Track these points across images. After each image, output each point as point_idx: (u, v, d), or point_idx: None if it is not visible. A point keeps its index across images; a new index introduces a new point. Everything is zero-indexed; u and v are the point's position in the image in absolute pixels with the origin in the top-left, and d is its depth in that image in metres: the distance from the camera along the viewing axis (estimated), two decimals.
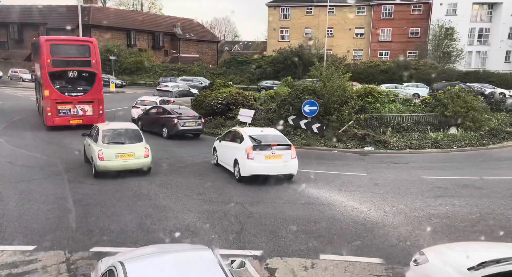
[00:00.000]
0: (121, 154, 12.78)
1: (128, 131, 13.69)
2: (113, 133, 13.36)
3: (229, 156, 13.59)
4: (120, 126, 13.99)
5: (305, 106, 19.38)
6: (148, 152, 13.19)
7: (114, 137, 13.22)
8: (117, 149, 12.80)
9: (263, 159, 12.37)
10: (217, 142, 14.98)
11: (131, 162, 12.85)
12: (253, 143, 12.55)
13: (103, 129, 13.37)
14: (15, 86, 41.99)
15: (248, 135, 13.00)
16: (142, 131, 21.50)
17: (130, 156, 12.87)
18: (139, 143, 13.34)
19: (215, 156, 14.95)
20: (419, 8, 50.99)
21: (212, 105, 23.60)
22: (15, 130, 20.45)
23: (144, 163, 13.10)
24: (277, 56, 51.28)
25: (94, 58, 20.86)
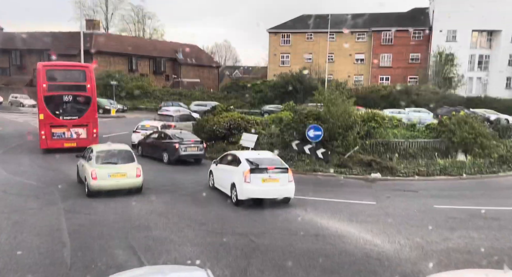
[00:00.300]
0: (114, 174, 13.17)
1: (121, 152, 14.21)
2: (106, 153, 13.88)
3: (226, 180, 13.54)
4: (113, 147, 14.56)
5: (310, 131, 18.97)
6: (139, 172, 13.60)
7: (107, 158, 13.71)
8: (110, 169, 13.22)
9: (260, 183, 12.35)
10: (213, 166, 14.93)
11: (123, 181, 13.25)
12: (250, 166, 12.51)
13: (96, 150, 13.89)
14: (15, 111, 41.72)
15: (245, 158, 12.99)
16: (142, 157, 21.58)
17: (122, 176, 13.26)
18: (131, 163, 13.77)
19: (211, 180, 14.94)
20: (419, 34, 51.46)
21: (214, 129, 23.21)
22: (13, 156, 19.98)
23: (136, 182, 13.53)
24: (278, 80, 51.40)
25: (89, 83, 21.19)
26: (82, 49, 40.40)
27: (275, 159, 13.48)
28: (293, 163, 19.24)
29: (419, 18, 52.41)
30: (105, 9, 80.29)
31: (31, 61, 60.51)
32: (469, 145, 19.16)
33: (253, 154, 13.80)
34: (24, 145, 23.07)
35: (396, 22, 52.48)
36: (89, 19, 67.36)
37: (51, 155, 20.13)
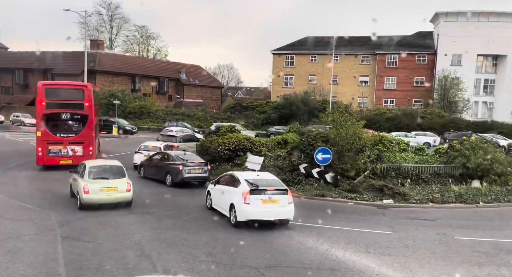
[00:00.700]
0: (105, 188, 13.86)
1: (112, 167, 14.92)
2: (98, 169, 14.55)
3: (224, 200, 13.44)
4: (105, 163, 15.42)
5: (318, 153, 18.35)
6: (130, 187, 14.32)
7: (99, 173, 14.35)
8: (101, 183, 13.90)
9: (260, 204, 12.30)
10: (211, 186, 14.84)
11: (114, 196, 13.94)
12: (250, 187, 12.44)
13: (89, 165, 14.55)
14: (15, 130, 41.18)
15: (245, 179, 12.93)
16: (144, 178, 20.88)
17: (113, 190, 13.95)
18: (122, 179, 14.41)
19: (208, 200, 14.83)
20: (423, 58, 51.49)
21: (218, 151, 22.58)
22: (10, 177, 19.31)
23: (126, 197, 14.22)
24: (282, 101, 51.12)
25: (87, 102, 21.55)
26: (85, 69, 40.34)
27: (275, 180, 13.40)
28: (301, 187, 18.56)
29: (424, 42, 52.57)
30: (110, 29, 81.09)
31: (34, 80, 60.50)
32: (484, 171, 18.45)
33: (253, 175, 13.66)
34: (22, 166, 22.41)
35: (400, 45, 52.64)
36: (93, 39, 67.79)
37: (50, 176, 19.51)
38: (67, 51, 60.36)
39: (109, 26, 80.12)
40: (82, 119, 21.75)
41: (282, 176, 19.51)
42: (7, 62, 61.38)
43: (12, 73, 60.38)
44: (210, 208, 14.51)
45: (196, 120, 53.79)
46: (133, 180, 20.67)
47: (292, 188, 18.39)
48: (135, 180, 20.58)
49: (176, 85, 70.82)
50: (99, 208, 13.59)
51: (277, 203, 12.40)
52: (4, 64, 61.00)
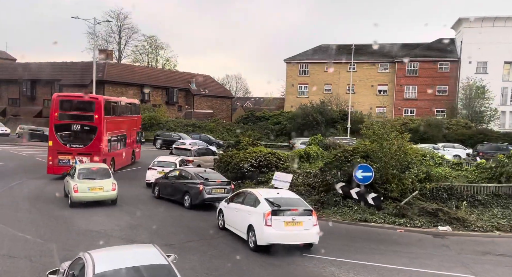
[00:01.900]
0: (92, 187, 15.83)
1: (99, 169, 17.04)
2: (87, 171, 16.65)
3: (240, 221, 12.49)
4: (93, 166, 17.60)
5: (357, 171, 16.06)
6: (115, 187, 16.29)
7: (87, 174, 16.36)
8: (89, 183, 15.88)
9: (282, 226, 11.27)
10: (224, 204, 13.87)
11: (100, 194, 15.94)
12: (271, 207, 11.44)
13: (79, 168, 16.70)
14: (21, 143, 39.23)
15: (264, 198, 11.96)
16: (159, 199, 18.68)
17: (99, 189, 15.94)
18: (108, 179, 16.41)
19: (220, 219, 13.86)
20: (446, 65, 49.18)
21: (240, 167, 20.36)
22: (10, 199, 17.17)
23: (111, 195, 16.26)
24: (298, 112, 48.97)
25: (97, 114, 21.84)
26: (94, 79, 38.59)
27: (297, 199, 12.37)
28: (338, 209, 16.24)
29: (446, 49, 50.30)
30: (118, 40, 79.86)
31: (42, 92, 59.26)
32: None
33: (272, 193, 12.64)
34: (25, 184, 20.32)
35: (421, 52, 50.42)
36: (102, 49, 66.43)
37: (54, 198, 17.35)
38: (75, 62, 59.04)
39: (117, 37, 78.96)
40: (91, 131, 21.88)
41: (314, 196, 17.28)
42: (15, 73, 60.18)
43: (20, 84, 59.05)
44: (222, 228, 13.55)
45: (207, 131, 51.75)
46: (147, 200, 18.61)
47: (328, 211, 16.13)
48: (149, 200, 18.43)
49: (186, 95, 69.07)
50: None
51: (301, 225, 11.34)
52: (12, 75, 59.77)
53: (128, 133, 26.96)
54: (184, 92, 68.42)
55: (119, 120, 25.47)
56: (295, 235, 11.37)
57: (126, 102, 29.26)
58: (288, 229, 11.27)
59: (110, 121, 23.21)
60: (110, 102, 24.45)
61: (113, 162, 24.01)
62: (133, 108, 29.52)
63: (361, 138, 42.20)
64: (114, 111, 24.83)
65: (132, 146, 28.40)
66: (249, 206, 12.22)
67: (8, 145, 37.06)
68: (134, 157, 28.88)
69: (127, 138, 26.82)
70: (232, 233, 12.95)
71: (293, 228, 11.31)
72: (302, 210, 11.59)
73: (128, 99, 32.89)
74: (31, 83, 58.31)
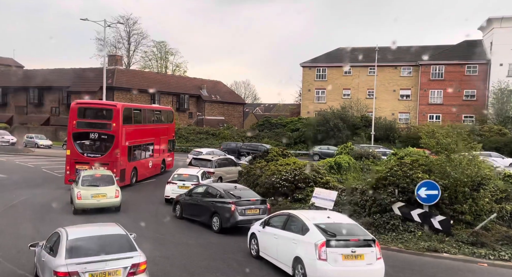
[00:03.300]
0: (96, 194, 15.80)
1: (103, 176, 17.00)
2: (90, 178, 16.66)
3: (283, 251, 10.53)
4: (97, 172, 17.46)
5: (420, 189, 13.53)
6: (118, 194, 16.23)
7: (91, 181, 16.41)
8: (92, 190, 15.89)
9: (340, 260, 9.36)
10: (258, 227, 11.88)
11: (103, 201, 15.83)
12: (325, 236, 9.53)
13: (83, 175, 16.74)
14: (27, 154, 36.85)
15: (314, 223, 10.00)
16: (182, 219, 16.23)
17: (103, 196, 15.86)
18: (111, 186, 16.39)
19: (254, 245, 11.88)
20: (474, 68, 46.43)
21: (272, 182, 17.85)
22: (11, 220, 14.87)
23: (114, 202, 16.15)
24: (317, 118, 46.48)
25: (115, 122, 20.86)
26: (104, 85, 36.46)
27: (354, 225, 10.38)
28: (397, 235, 13.65)
29: (473, 51, 47.57)
30: (127, 46, 78.04)
31: (50, 99, 57.46)
32: None
33: (321, 217, 10.55)
34: (29, 201, 18.00)
35: (446, 55, 47.75)
36: (111, 55, 64.56)
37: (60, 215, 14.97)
38: (83, 68, 57.19)
39: (126, 42, 77.14)
40: (109, 140, 20.99)
41: (365, 218, 14.70)
42: (22, 81, 58.55)
43: (27, 91, 57.25)
44: (256, 257, 11.59)
45: (221, 139, 49.36)
46: (167, 221, 16.09)
47: (385, 237, 13.55)
48: (170, 222, 15.93)
49: (197, 101, 66.97)
50: None
51: (363, 259, 9.43)
52: (19, 83, 58.14)
53: (156, 141, 25.76)
54: (195, 98, 66.33)
55: (143, 128, 24.16)
56: (356, 272, 9.40)
57: (154, 109, 28.32)
58: (347, 264, 9.34)
59: (131, 129, 22.14)
60: (131, 109, 23.28)
61: (135, 172, 22.78)
62: (163, 116, 28.37)
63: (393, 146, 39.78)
64: (137, 119, 23.56)
65: (162, 155, 27.12)
66: (294, 233, 10.28)
67: (13, 155, 34.88)
68: (165, 166, 27.56)
69: (156, 147, 25.63)
70: (269, 262, 11.00)
71: (353, 263, 9.37)
72: (363, 240, 9.64)
73: (160, 106, 31.93)
74: (39, 90, 56.54)
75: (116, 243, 8.25)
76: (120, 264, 7.79)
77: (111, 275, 7.73)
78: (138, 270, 7.93)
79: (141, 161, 23.97)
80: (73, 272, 7.45)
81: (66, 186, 20.15)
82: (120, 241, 8.33)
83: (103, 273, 7.66)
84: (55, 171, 25.79)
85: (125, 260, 7.88)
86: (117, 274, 7.76)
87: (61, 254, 7.73)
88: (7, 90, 58.98)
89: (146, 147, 24.55)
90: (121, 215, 16.14)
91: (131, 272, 7.86)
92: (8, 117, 58.42)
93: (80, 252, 7.81)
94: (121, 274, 7.78)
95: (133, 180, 22.76)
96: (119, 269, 7.77)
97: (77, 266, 7.51)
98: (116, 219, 14.34)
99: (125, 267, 7.82)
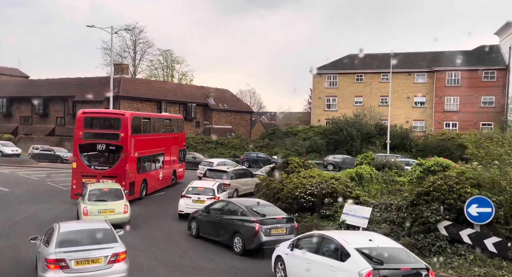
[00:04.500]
0: (103, 210, 14.95)
1: (111, 190, 16.03)
2: (98, 192, 15.70)
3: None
4: (104, 186, 16.45)
5: (470, 206, 12.03)
6: (127, 209, 15.32)
7: (98, 196, 15.51)
8: (99, 206, 15.06)
9: None
10: (285, 249, 10.49)
11: (111, 217, 14.33)
12: (371, 264, 8.23)
13: (90, 188, 15.82)
14: (31, 165, 35.40)
15: (355, 248, 8.75)
16: (198, 238, 14.72)
17: (110, 212, 14.95)
18: (120, 201, 15.48)
19: (280, 270, 10.48)
20: (492, 74, 44.88)
21: (296, 196, 16.33)
22: (12, 241, 13.46)
23: (123, 218, 15.18)
24: (330, 126, 44.99)
25: (124, 132, 19.72)
26: (111, 94, 35.26)
27: (401, 249, 9.11)
28: (446, 259, 12.05)
29: (490, 56, 46.08)
30: (133, 55, 77.18)
31: (55, 109, 56.35)
32: None
33: (362, 240, 9.32)
34: (32, 217, 16.61)
35: (462, 60, 46.22)
36: (117, 63, 63.60)
37: None
38: (89, 77, 56.24)
39: (132, 51, 76.29)
40: (117, 151, 19.83)
41: (404, 238, 13.13)
42: (27, 91, 57.71)
43: (32, 102, 56.31)
44: None
45: (230, 148, 47.95)
46: (182, 241, 14.51)
47: (431, 261, 11.92)
48: (185, 241, 14.45)
49: (204, 110, 65.68)
50: None
51: None
52: (24, 93, 57.27)
53: (167, 151, 24.47)
54: (202, 107, 65.05)
55: (153, 138, 22.96)
56: None
57: (164, 117, 27.03)
58: None
59: (140, 139, 21.01)
60: (140, 118, 21.90)
61: (145, 184, 21.51)
62: (174, 125, 27.14)
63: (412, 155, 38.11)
64: (146, 128, 22.35)
65: (173, 166, 25.83)
66: (331, 258, 9.08)
67: (17, 167, 33.52)
68: (176, 177, 26.23)
69: (166, 157, 24.34)
70: None
71: None
72: (415, 268, 8.35)
73: (170, 115, 30.70)
74: (44, 100, 55.49)
75: (100, 235, 9.56)
76: (101, 253, 9.09)
77: (94, 262, 9.01)
78: (117, 259, 9.19)
79: (151, 172, 22.70)
80: (61, 259, 8.74)
81: (72, 201, 18.77)
82: (105, 234, 9.64)
83: (86, 260, 8.95)
84: (60, 184, 24.42)
85: (106, 250, 9.16)
86: (99, 262, 9.05)
87: (52, 245, 9.04)
88: (12, 100, 58.13)
89: (156, 157, 23.29)
90: (131, 233, 14.71)
91: (111, 260, 9.12)
92: (12, 127, 57.38)
93: (68, 242, 9.15)
94: (102, 262, 9.06)
95: (143, 193, 21.42)
96: (101, 258, 9.06)
97: (65, 254, 8.81)
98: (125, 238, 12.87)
99: (106, 256, 9.09)
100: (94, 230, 9.85)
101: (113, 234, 9.73)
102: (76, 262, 8.80)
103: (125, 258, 9.41)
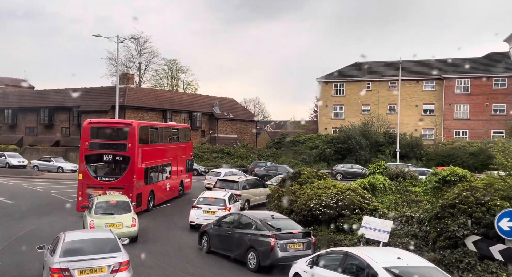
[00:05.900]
0: (110, 224, 14.28)
1: (118, 203, 15.52)
2: (105, 205, 15.23)
3: None
4: (111, 198, 15.97)
5: (501, 220, 11.22)
6: (135, 222, 14.79)
7: (105, 209, 15.06)
8: (106, 219, 14.55)
9: None
10: (303, 266, 9.83)
11: (118, 231, 13.27)
12: None
13: (96, 201, 15.27)
14: (36, 177, 34.83)
15: (383, 267, 8.08)
16: (210, 253, 14.04)
17: (118, 226, 14.32)
18: (127, 214, 14.96)
19: None
20: (502, 82, 44.20)
21: (311, 208, 15.62)
22: (13, 258, 12.77)
23: (131, 232, 14.55)
24: (338, 135, 44.32)
25: (131, 142, 19.30)
26: (117, 104, 34.87)
27: (433, 268, 8.48)
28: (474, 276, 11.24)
29: (500, 63, 45.42)
30: (138, 64, 77.12)
31: (60, 120, 56.05)
32: None
33: (390, 258, 8.63)
34: (37, 232, 15.96)
35: (471, 68, 45.60)
36: (123, 73, 63.42)
37: None
38: (94, 87, 55.99)
39: (137, 61, 76.22)
40: (124, 161, 19.42)
41: (428, 253, 12.36)
42: (32, 101, 57.53)
43: (37, 112, 56.02)
44: None
45: (237, 157, 47.34)
46: (194, 257, 13.69)
47: None
48: (197, 257, 13.73)
49: (209, 119, 65.19)
50: None
51: None
52: (29, 103, 57.09)
53: (174, 161, 23.98)
54: (207, 116, 64.59)
55: (160, 148, 22.52)
56: None
57: (172, 127, 26.76)
58: None
59: (147, 149, 20.58)
60: (147, 128, 21.49)
61: (153, 195, 20.98)
62: (181, 134, 26.53)
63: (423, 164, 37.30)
64: (153, 138, 21.91)
65: (180, 176, 25.26)
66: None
67: (22, 179, 33.00)
68: (183, 188, 25.64)
69: (173, 168, 23.87)
70: None
71: None
72: None
73: (177, 124, 30.19)
74: (49, 110, 55.23)
75: (104, 245, 9.70)
76: (105, 263, 9.13)
77: (97, 271, 9.06)
78: (120, 268, 9.22)
79: (158, 183, 22.15)
80: (64, 268, 8.78)
81: (78, 213, 18.19)
82: (109, 244, 9.75)
83: (90, 269, 9.01)
84: (65, 196, 23.83)
85: (109, 259, 9.22)
86: (102, 271, 9.10)
87: (57, 254, 9.11)
88: (17, 111, 57.92)
89: (163, 168, 22.77)
90: (139, 247, 14.07)
91: (114, 269, 9.17)
92: (18, 138, 57.08)
93: (73, 252, 9.20)
94: (105, 271, 9.11)
95: (150, 204, 20.82)
96: (104, 267, 9.12)
97: (68, 263, 8.85)
98: (133, 253, 12.28)
99: (109, 265, 9.14)
100: (99, 239, 10.05)
101: (117, 243, 9.82)
102: (79, 272, 8.87)
103: (129, 267, 9.46)
